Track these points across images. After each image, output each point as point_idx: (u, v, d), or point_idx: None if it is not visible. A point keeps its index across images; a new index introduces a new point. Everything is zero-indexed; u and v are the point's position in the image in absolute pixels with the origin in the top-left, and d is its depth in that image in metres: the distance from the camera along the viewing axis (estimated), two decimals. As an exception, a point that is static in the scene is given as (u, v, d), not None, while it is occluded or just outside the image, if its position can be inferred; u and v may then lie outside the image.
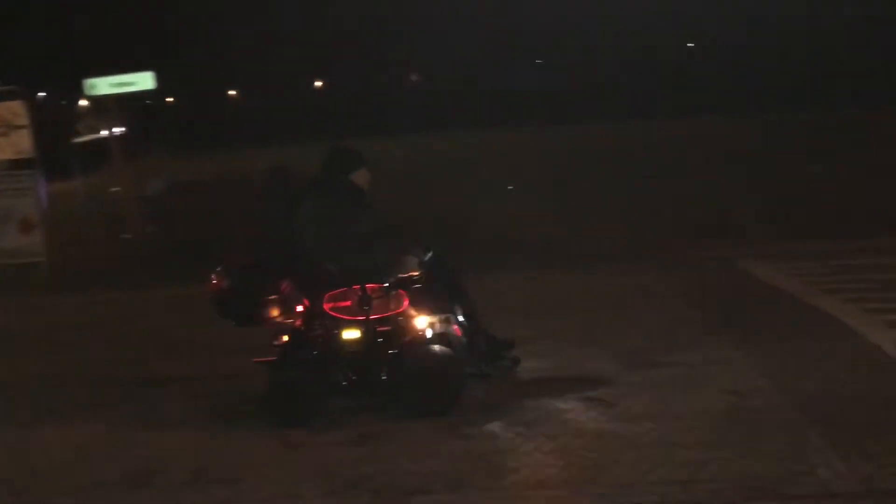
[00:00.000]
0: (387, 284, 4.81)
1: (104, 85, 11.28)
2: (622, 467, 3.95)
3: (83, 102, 24.13)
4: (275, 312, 4.83)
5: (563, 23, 43.40)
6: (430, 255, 5.07)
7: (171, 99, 43.14)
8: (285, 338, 4.82)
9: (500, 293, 7.10)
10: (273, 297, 4.81)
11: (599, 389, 4.96)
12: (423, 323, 4.79)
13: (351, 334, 4.78)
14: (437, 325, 4.81)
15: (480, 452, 4.25)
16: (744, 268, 8.16)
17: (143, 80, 11.38)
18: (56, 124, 20.87)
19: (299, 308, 4.83)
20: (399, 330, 4.81)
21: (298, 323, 4.83)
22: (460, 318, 4.96)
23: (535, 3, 41.91)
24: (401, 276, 4.83)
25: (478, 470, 4.06)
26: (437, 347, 4.74)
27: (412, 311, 4.82)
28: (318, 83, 50.32)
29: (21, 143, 9.81)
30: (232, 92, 51.57)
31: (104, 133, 14.57)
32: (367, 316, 4.76)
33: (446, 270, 5.12)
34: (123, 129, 12.90)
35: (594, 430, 4.43)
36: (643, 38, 42.83)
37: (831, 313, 6.36)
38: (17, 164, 10.01)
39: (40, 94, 27.87)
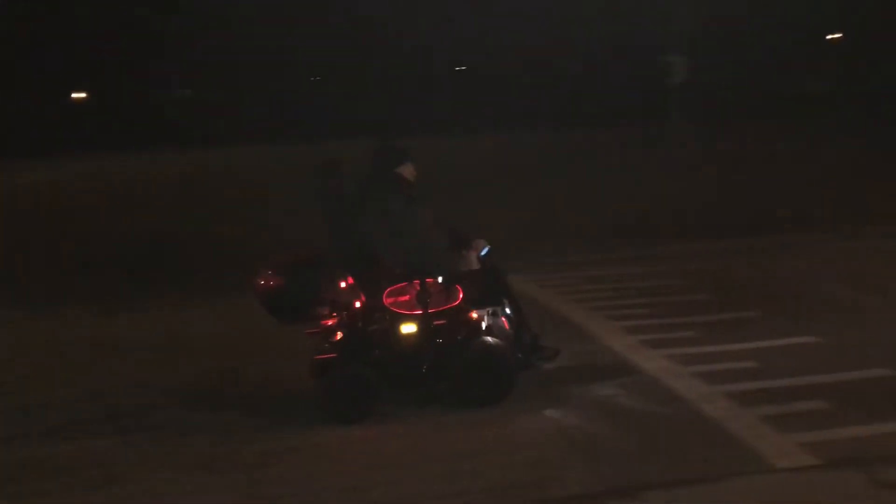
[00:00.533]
0: (443, 279, 5.00)
1: None
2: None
3: None
4: (327, 309, 4.93)
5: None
6: (487, 249, 5.25)
7: None
8: (339, 335, 4.92)
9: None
10: (329, 293, 4.92)
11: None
12: (477, 316, 5.00)
13: (409, 328, 4.93)
14: (488, 318, 5.04)
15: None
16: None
17: None
18: None
19: (357, 304, 4.94)
20: (454, 323, 4.98)
21: (350, 319, 4.93)
22: (507, 311, 5.16)
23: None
24: (461, 270, 5.05)
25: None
26: (492, 339, 4.96)
27: (466, 305, 5.00)
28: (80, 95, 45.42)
29: None
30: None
31: None
32: (426, 310, 4.92)
33: (493, 265, 5.32)
34: None
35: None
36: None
37: (575, 321, 6.84)
38: None
39: None
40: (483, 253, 5.23)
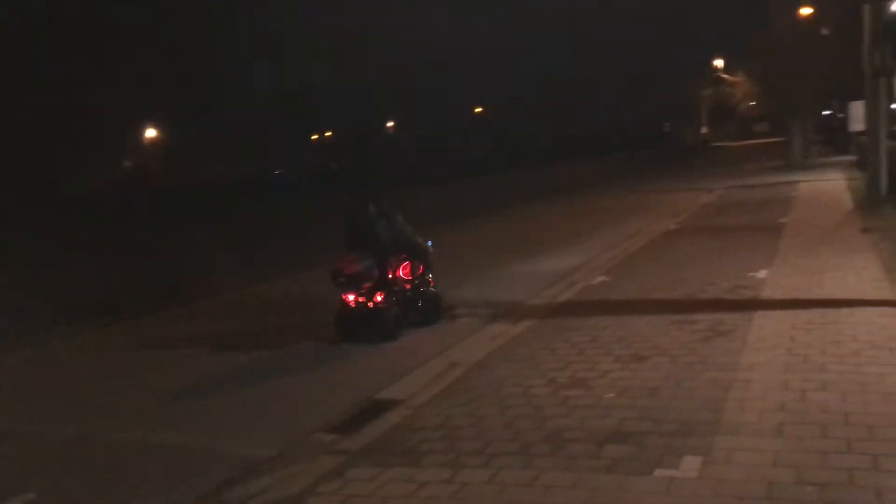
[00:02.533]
0: (421, 259, 9.07)
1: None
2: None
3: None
4: (370, 283, 8.40)
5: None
6: (430, 242, 9.26)
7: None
8: (380, 296, 8.37)
9: None
10: (376, 272, 8.44)
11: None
12: (430, 277, 9.18)
13: (408, 286, 8.92)
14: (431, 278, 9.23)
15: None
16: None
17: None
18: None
19: (390, 276, 8.57)
20: (423, 282, 9.07)
21: (387, 285, 8.50)
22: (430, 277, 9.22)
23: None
24: (426, 255, 9.16)
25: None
26: (435, 290, 9.17)
27: (426, 272, 9.14)
28: None
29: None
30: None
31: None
32: (413, 277, 8.99)
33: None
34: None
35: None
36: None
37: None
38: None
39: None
40: (430, 244, 9.22)
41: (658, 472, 4.33)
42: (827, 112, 54.61)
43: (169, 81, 38.02)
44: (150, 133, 45.27)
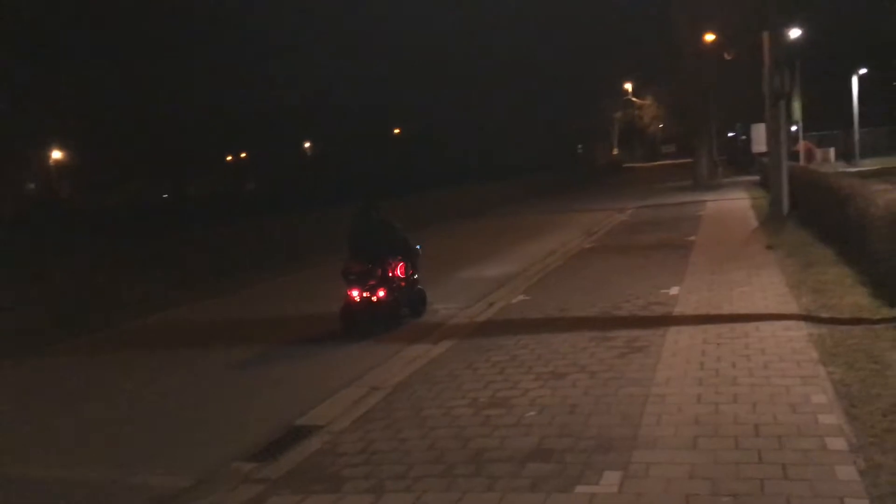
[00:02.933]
0: (410, 261, 10.30)
1: None
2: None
3: None
4: (374, 280, 9.58)
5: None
6: (419, 246, 10.54)
7: None
8: (382, 291, 9.59)
9: None
10: (379, 271, 9.67)
11: None
12: (417, 276, 10.48)
13: (403, 283, 10.11)
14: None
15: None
16: None
17: None
18: None
19: (390, 274, 9.80)
20: (412, 280, 10.33)
21: (388, 282, 9.73)
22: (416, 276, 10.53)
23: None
24: (417, 257, 10.46)
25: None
26: (422, 288, 10.56)
27: (415, 271, 10.42)
28: None
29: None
30: None
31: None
32: (407, 275, 10.18)
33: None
34: None
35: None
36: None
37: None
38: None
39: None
40: (419, 247, 10.50)
41: (579, 489, 4.38)
42: (731, 134, 57.10)
43: (79, 104, 36.84)
44: (57, 155, 43.77)
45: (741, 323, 7.77)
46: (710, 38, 33.79)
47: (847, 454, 4.50)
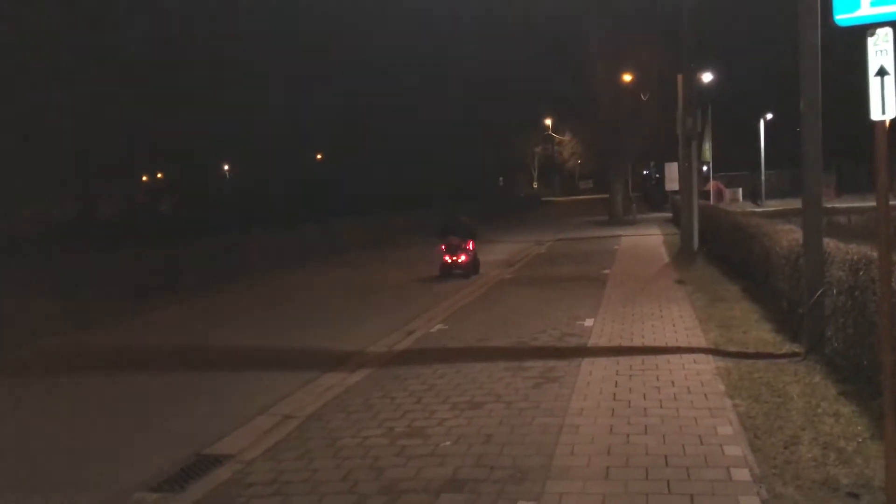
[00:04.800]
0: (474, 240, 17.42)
1: None
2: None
3: None
4: (461, 251, 16.81)
5: None
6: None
7: None
8: (464, 256, 16.71)
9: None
10: (463, 244, 16.87)
11: None
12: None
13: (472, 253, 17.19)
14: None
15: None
16: None
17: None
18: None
19: (468, 247, 16.88)
20: (475, 253, 17.25)
21: (469, 251, 16.94)
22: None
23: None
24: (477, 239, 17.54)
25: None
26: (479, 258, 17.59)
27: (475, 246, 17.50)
28: None
29: None
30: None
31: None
32: (474, 249, 17.23)
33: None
34: None
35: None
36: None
37: None
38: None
39: None
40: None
41: (493, 520, 4.37)
42: (645, 172, 58.93)
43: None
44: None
45: (652, 355, 7.96)
46: (626, 78, 34.90)
47: (750, 484, 4.63)
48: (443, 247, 16.62)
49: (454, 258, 16.39)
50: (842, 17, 4.34)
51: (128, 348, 11.05)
